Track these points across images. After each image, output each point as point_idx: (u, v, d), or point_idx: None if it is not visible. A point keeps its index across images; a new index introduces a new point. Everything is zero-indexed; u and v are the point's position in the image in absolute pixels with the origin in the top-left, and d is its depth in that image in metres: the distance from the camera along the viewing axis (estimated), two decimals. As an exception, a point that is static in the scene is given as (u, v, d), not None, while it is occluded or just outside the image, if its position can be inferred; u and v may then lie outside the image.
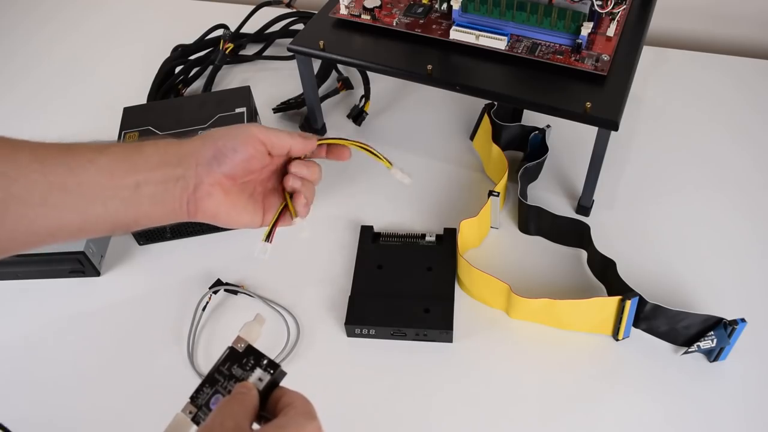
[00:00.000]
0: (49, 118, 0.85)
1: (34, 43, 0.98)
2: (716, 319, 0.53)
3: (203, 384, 0.39)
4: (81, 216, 0.39)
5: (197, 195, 0.42)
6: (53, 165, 0.39)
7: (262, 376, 0.38)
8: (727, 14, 0.86)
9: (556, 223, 0.64)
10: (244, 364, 0.39)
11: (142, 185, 0.40)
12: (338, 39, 0.67)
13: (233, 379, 0.38)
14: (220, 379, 0.39)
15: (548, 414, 0.54)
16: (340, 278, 0.64)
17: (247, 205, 0.45)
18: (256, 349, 0.39)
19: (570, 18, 0.60)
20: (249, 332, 0.40)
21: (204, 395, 0.38)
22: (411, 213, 0.69)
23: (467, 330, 0.59)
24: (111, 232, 0.42)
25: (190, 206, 0.42)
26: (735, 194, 0.68)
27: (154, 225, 0.43)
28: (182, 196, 0.42)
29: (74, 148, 0.40)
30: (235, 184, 0.44)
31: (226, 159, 0.42)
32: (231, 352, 0.39)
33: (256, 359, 0.39)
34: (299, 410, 0.36)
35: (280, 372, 0.38)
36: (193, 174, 0.42)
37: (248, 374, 0.38)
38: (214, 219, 0.44)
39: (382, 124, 0.79)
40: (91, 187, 0.39)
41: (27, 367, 0.60)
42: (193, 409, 0.38)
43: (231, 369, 0.39)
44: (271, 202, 0.47)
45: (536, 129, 0.69)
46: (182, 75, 0.85)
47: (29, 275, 0.66)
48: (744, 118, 0.76)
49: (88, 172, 0.39)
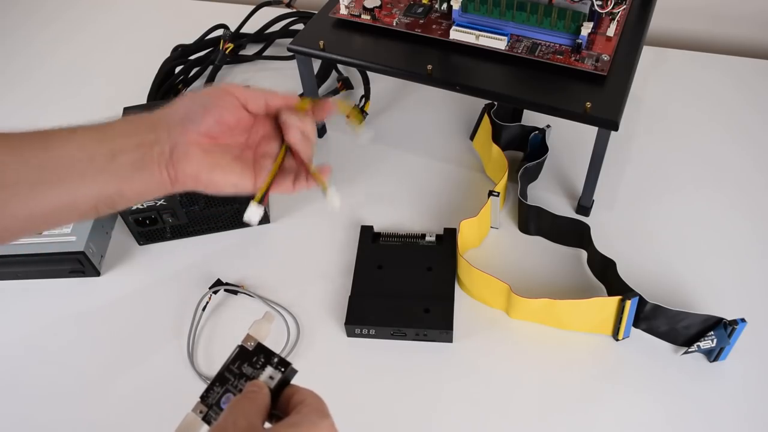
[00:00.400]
0: (49, 118, 0.84)
1: (35, 44, 0.98)
2: (716, 319, 0.53)
3: (213, 383, 0.38)
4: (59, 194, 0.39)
5: (174, 158, 0.41)
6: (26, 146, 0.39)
7: (273, 374, 0.38)
8: (727, 14, 0.86)
9: (556, 223, 0.64)
10: (255, 363, 0.38)
11: (118, 154, 0.40)
12: (338, 39, 0.67)
13: (244, 378, 0.38)
14: (230, 377, 0.38)
15: (548, 414, 0.54)
16: (340, 278, 0.64)
17: (233, 167, 0.43)
18: (266, 347, 0.39)
19: (570, 18, 0.60)
20: (258, 330, 0.39)
21: (214, 394, 0.38)
22: (411, 213, 0.69)
23: (467, 330, 0.59)
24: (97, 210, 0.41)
25: (170, 171, 0.41)
26: (735, 194, 0.68)
27: (141, 199, 0.42)
28: (160, 161, 0.41)
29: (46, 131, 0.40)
30: (214, 144, 0.42)
31: (197, 116, 0.41)
32: (241, 351, 0.39)
33: (266, 357, 0.38)
34: (312, 407, 0.35)
35: (291, 370, 0.38)
36: (166, 136, 0.41)
37: (259, 372, 0.38)
38: (196, 182, 0.42)
39: (382, 124, 0.79)
40: (64, 161, 0.39)
41: (27, 367, 0.60)
42: (204, 409, 0.38)
43: (241, 367, 0.38)
44: (262, 166, 0.45)
45: (536, 129, 0.69)
46: (182, 75, 0.85)
47: (29, 275, 0.66)
48: (744, 118, 0.76)
49: (61, 148, 0.39)
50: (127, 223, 0.66)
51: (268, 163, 0.45)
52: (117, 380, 0.59)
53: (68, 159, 0.39)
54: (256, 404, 0.36)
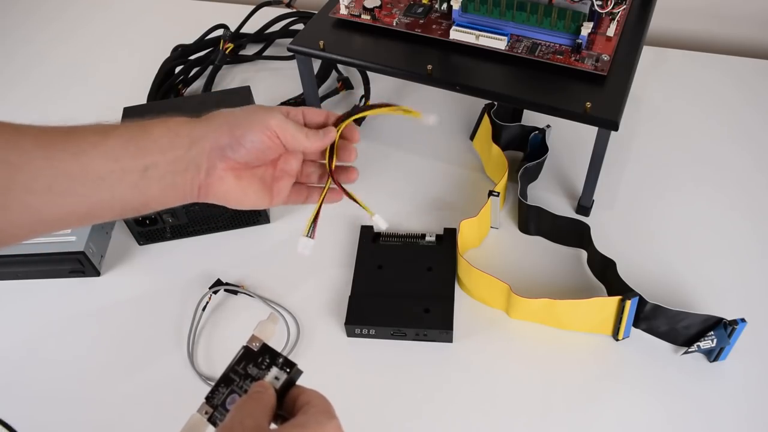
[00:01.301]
0: (49, 117, 0.84)
1: (35, 44, 0.98)
2: (716, 319, 0.53)
3: (219, 384, 0.38)
4: (87, 202, 0.39)
5: (209, 180, 0.42)
6: (57, 150, 0.38)
7: (278, 374, 0.38)
8: (727, 14, 0.86)
9: (556, 223, 0.64)
10: (260, 363, 0.38)
11: (151, 168, 0.40)
12: (338, 39, 0.67)
13: (249, 379, 0.38)
14: (235, 378, 0.38)
15: (548, 414, 0.54)
16: (340, 278, 0.64)
17: (257, 190, 0.45)
18: (271, 347, 0.39)
19: (570, 18, 0.60)
20: (263, 330, 0.39)
21: (220, 395, 0.38)
22: (411, 213, 0.69)
23: (467, 330, 0.59)
24: (120, 216, 0.41)
25: (201, 190, 0.42)
26: (735, 194, 0.68)
27: (164, 208, 0.42)
28: (194, 180, 0.41)
29: (78, 131, 0.39)
30: (248, 170, 0.43)
31: (241, 148, 0.42)
32: (246, 352, 0.39)
33: (271, 358, 0.38)
34: (319, 408, 0.36)
35: (297, 370, 0.38)
36: (205, 159, 0.41)
37: (264, 373, 0.38)
38: (223, 200, 0.44)
39: (382, 124, 0.79)
40: (97, 172, 0.38)
41: (27, 367, 0.60)
42: (209, 410, 0.38)
43: (246, 368, 0.38)
44: (280, 187, 0.46)
45: (536, 129, 0.69)
46: (182, 75, 0.85)
47: (29, 275, 0.66)
48: (744, 117, 0.76)
49: (93, 157, 0.38)
50: (127, 223, 0.66)
51: (285, 183, 0.46)
52: (117, 380, 0.59)
53: (100, 171, 0.39)
54: (262, 404, 0.36)
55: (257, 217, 0.68)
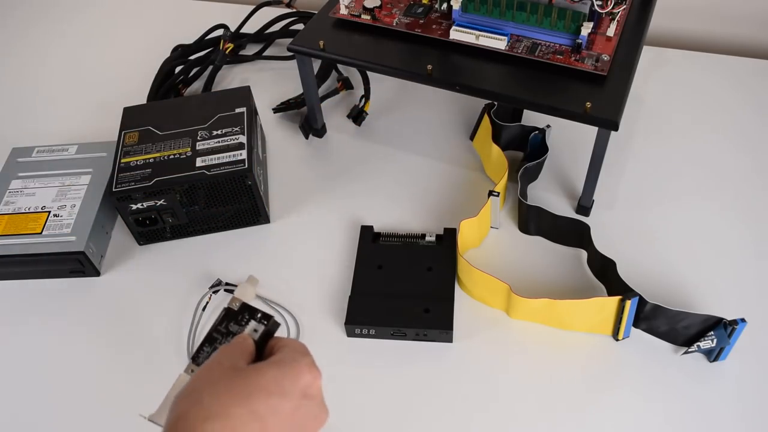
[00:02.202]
0: (49, 117, 0.85)
1: (34, 43, 0.98)
2: (716, 319, 0.53)
3: (203, 344, 0.40)
4: None
5: None
6: None
7: (256, 327, 0.40)
8: (727, 14, 0.86)
9: (556, 223, 0.64)
10: (240, 320, 0.40)
11: None
12: (338, 39, 0.67)
13: (231, 335, 0.40)
14: (218, 337, 0.40)
15: (548, 414, 0.54)
16: (340, 278, 0.64)
17: None
18: (249, 305, 0.41)
19: (570, 18, 0.60)
20: (243, 293, 0.43)
21: (204, 354, 0.40)
22: (411, 213, 0.69)
23: (467, 330, 0.59)
24: None
25: None
26: (735, 194, 0.68)
27: None
28: None
29: None
30: None
31: None
32: (227, 312, 0.41)
33: (250, 314, 0.41)
34: (293, 347, 0.38)
35: (274, 323, 0.40)
36: None
37: (244, 328, 0.40)
38: None
39: (382, 124, 0.79)
40: None
41: (26, 367, 0.60)
42: (195, 368, 0.40)
43: (228, 326, 0.40)
44: None
45: (536, 129, 0.69)
46: (182, 75, 0.85)
47: (29, 275, 0.66)
48: (744, 118, 0.76)
49: None
50: (127, 223, 0.66)
51: None
52: (117, 380, 0.59)
53: None
54: (239, 348, 0.38)
55: (257, 217, 0.68)
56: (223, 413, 0.34)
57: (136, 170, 0.64)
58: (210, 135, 0.67)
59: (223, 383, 0.35)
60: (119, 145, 0.67)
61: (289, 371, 0.36)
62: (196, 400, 0.34)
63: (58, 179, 0.69)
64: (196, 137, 0.67)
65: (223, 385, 0.35)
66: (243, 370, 0.36)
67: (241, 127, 0.68)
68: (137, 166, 0.65)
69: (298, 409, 0.36)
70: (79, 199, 0.67)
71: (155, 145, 0.67)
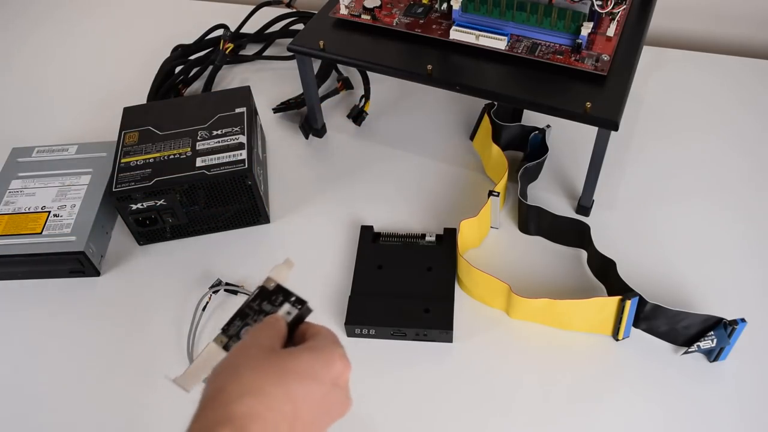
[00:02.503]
0: (49, 117, 0.85)
1: (34, 43, 0.98)
2: (716, 319, 0.53)
3: (234, 317, 0.41)
4: None
5: None
6: None
7: (290, 310, 0.41)
8: (727, 14, 0.86)
9: (556, 223, 0.64)
10: (273, 300, 0.41)
11: None
12: (338, 39, 0.67)
13: (263, 314, 0.41)
14: (250, 313, 0.41)
15: (548, 414, 0.54)
16: (340, 278, 0.64)
17: None
18: (284, 287, 0.42)
19: (570, 18, 0.60)
20: (278, 274, 0.42)
21: (235, 327, 0.41)
22: (411, 213, 0.69)
23: (467, 330, 0.59)
24: None
25: None
26: (735, 194, 0.68)
27: None
28: None
29: None
30: None
31: None
32: (261, 291, 0.42)
33: (285, 296, 0.41)
34: (328, 336, 0.39)
35: (307, 308, 0.41)
36: None
37: (277, 309, 0.41)
38: None
39: (382, 124, 0.79)
40: None
41: (26, 367, 0.60)
42: (225, 339, 0.41)
43: (261, 305, 0.41)
44: None
45: (536, 129, 0.69)
46: (182, 75, 0.85)
47: (29, 275, 0.66)
48: (744, 118, 0.76)
49: None
50: (127, 223, 0.66)
51: None
52: (117, 380, 0.59)
53: None
54: (274, 330, 0.39)
55: (257, 217, 0.68)
56: (260, 390, 0.35)
57: (136, 170, 0.64)
58: (210, 135, 0.67)
59: (261, 362, 0.36)
60: (119, 145, 0.67)
61: (323, 359, 0.37)
62: (235, 376, 0.36)
63: (58, 179, 0.69)
64: (196, 137, 0.67)
65: (260, 363, 0.36)
66: (279, 351, 0.37)
67: (241, 127, 0.68)
68: (137, 166, 0.65)
69: (328, 395, 0.37)
70: (79, 199, 0.67)
71: (155, 145, 0.67)
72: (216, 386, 0.36)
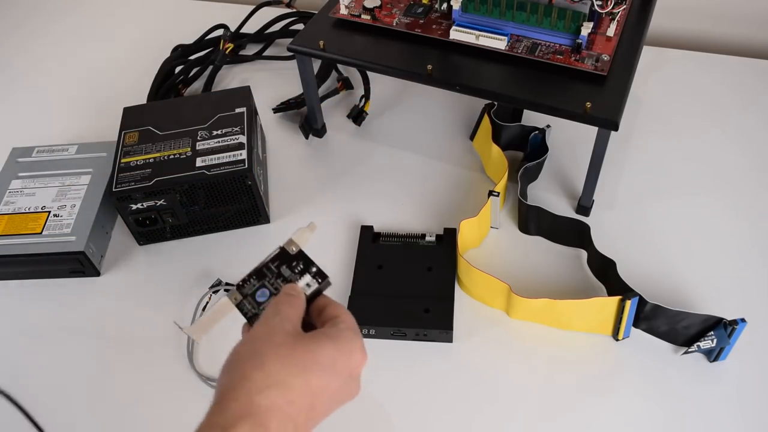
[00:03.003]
0: (49, 117, 0.85)
1: (35, 43, 0.98)
2: (716, 319, 0.53)
3: (251, 275, 0.40)
4: None
5: None
6: None
7: (310, 282, 0.40)
8: (727, 14, 0.86)
9: (556, 223, 0.64)
10: (293, 267, 0.40)
11: None
12: (338, 39, 0.67)
13: (281, 278, 0.40)
14: (267, 275, 0.40)
15: (548, 414, 0.54)
16: (340, 278, 0.64)
17: None
18: (306, 255, 0.41)
19: (570, 18, 0.60)
20: (300, 237, 0.41)
21: (250, 286, 0.40)
22: (411, 213, 0.69)
23: (467, 330, 0.59)
24: None
25: None
26: (735, 194, 0.68)
27: None
28: None
29: None
30: None
31: None
32: (281, 252, 0.41)
33: (305, 265, 0.40)
34: (348, 325, 0.39)
35: (327, 282, 0.40)
36: None
37: (296, 277, 0.40)
38: None
39: (382, 124, 0.79)
40: None
41: (27, 367, 0.60)
42: (239, 297, 0.40)
43: (280, 268, 0.40)
44: None
45: (536, 129, 0.69)
46: (182, 75, 0.85)
47: (29, 275, 0.66)
48: (744, 118, 0.76)
49: None
50: (127, 223, 0.66)
51: None
52: (117, 380, 0.59)
53: None
54: (295, 309, 0.39)
55: (257, 217, 0.68)
56: (283, 383, 0.35)
57: (136, 170, 0.64)
58: (210, 135, 0.67)
59: (285, 350, 0.36)
60: (119, 145, 0.67)
61: (345, 351, 0.38)
62: (259, 364, 0.36)
63: (58, 179, 0.69)
64: (196, 137, 0.67)
65: (285, 352, 0.36)
66: (302, 339, 0.37)
67: (241, 127, 0.68)
68: (137, 166, 0.65)
69: (343, 387, 0.38)
70: (79, 199, 0.67)
71: (155, 145, 0.67)
72: (241, 374, 0.36)
